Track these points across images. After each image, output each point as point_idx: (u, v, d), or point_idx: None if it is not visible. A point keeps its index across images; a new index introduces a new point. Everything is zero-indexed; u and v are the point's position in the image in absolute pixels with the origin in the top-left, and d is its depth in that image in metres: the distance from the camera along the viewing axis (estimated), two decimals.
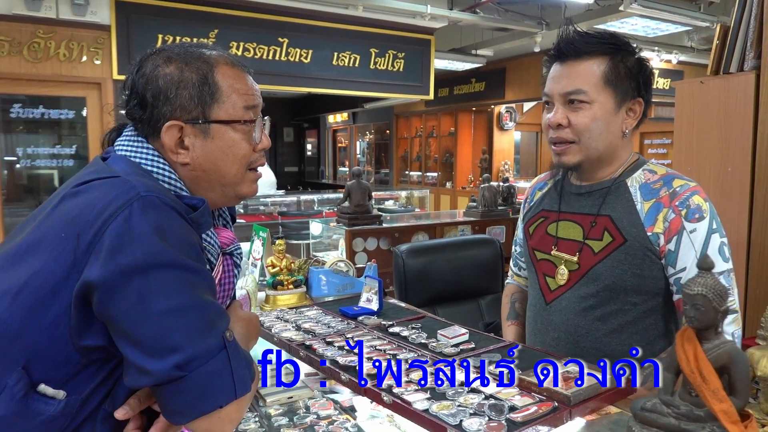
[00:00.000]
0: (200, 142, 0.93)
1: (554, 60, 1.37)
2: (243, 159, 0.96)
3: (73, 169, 5.09)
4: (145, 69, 0.93)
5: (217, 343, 0.80)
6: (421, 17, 6.10)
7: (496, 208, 4.40)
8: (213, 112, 0.93)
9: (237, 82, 0.96)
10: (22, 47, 4.64)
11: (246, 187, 0.98)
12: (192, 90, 0.92)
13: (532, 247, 1.49)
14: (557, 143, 1.34)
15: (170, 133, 0.91)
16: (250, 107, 0.96)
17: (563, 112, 1.31)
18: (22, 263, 0.81)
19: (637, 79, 1.32)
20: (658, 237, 1.28)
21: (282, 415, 1.38)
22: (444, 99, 10.04)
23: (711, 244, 1.26)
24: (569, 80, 1.31)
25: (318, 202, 6.69)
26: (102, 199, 0.80)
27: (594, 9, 5.89)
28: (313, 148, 14.78)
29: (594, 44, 1.31)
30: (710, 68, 2.50)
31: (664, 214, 1.28)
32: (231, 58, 0.99)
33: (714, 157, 2.40)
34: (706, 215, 1.26)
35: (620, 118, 1.33)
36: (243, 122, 0.94)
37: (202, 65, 0.94)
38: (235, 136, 0.94)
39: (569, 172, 1.44)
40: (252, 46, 5.68)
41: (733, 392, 0.76)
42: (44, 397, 0.79)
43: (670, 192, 1.30)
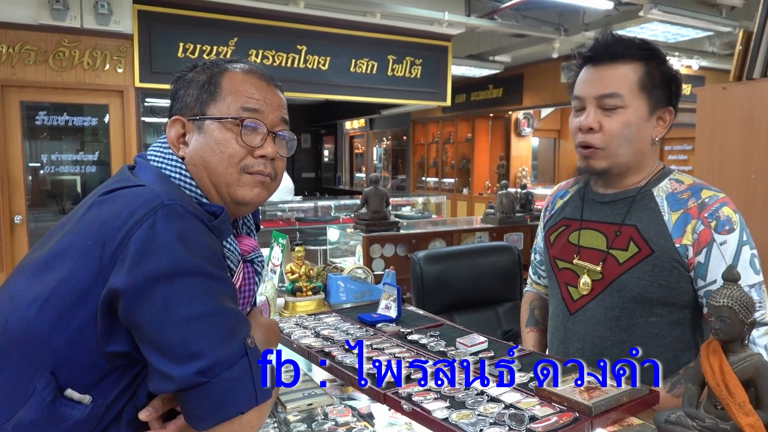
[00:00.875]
0: (195, 137, 0.96)
1: (586, 63, 1.35)
2: (231, 158, 0.95)
3: (95, 175, 5.18)
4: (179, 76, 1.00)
5: (239, 350, 0.81)
6: (439, 24, 6.10)
7: (514, 214, 4.37)
8: (209, 108, 0.96)
9: (241, 85, 0.97)
10: (48, 56, 4.75)
11: (242, 190, 0.96)
12: (196, 89, 0.97)
13: (554, 256, 1.47)
14: (586, 147, 1.32)
15: (173, 127, 0.97)
16: (249, 109, 0.96)
17: (596, 116, 1.29)
18: (51, 270, 0.83)
19: (670, 88, 1.31)
20: (686, 249, 1.26)
21: (300, 422, 1.38)
22: (461, 105, 10.03)
23: (742, 257, 1.23)
24: (604, 84, 1.29)
25: (335, 208, 6.70)
26: (127, 207, 0.82)
27: (613, 14, 5.84)
28: (330, 155, 14.84)
29: (631, 49, 1.29)
30: (733, 74, 2.47)
31: (692, 225, 1.26)
32: (251, 67, 1.01)
33: (737, 164, 2.37)
34: (736, 227, 1.24)
35: (651, 125, 1.31)
36: (231, 119, 0.94)
37: (214, 69, 0.99)
38: (224, 134, 0.95)
39: (592, 180, 1.43)
40: (271, 54, 5.74)
41: (760, 406, 0.75)
42: (71, 401, 0.81)
43: (698, 203, 1.27)
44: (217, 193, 0.97)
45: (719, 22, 5.45)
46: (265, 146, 0.97)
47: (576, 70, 1.37)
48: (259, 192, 0.98)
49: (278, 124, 1.00)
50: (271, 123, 0.99)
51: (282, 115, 1.01)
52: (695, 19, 5.31)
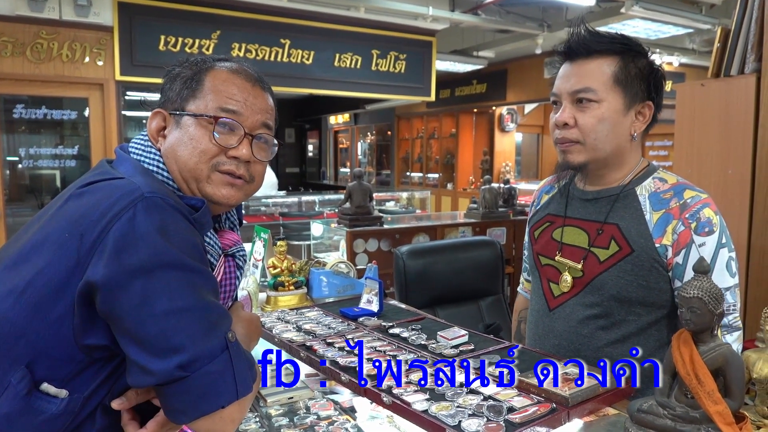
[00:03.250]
0: (173, 130, 0.96)
1: (564, 60, 1.35)
2: (203, 154, 0.94)
3: (74, 169, 5.11)
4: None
5: (220, 344, 0.81)
6: (423, 19, 6.11)
7: (497, 209, 4.40)
8: (188, 104, 0.96)
9: (223, 84, 0.97)
10: (25, 48, 4.66)
11: (210, 188, 0.95)
12: (180, 84, 0.98)
13: (537, 252, 1.47)
14: (563, 142, 1.32)
15: (154, 119, 0.98)
16: (227, 110, 0.96)
17: (570, 111, 1.29)
18: (27, 263, 0.82)
19: (648, 82, 1.30)
20: (666, 249, 1.26)
21: (282, 416, 1.39)
22: (445, 100, 10.05)
23: (719, 259, 1.23)
24: (578, 78, 1.29)
25: (319, 203, 6.69)
26: (106, 199, 0.81)
27: (595, 11, 5.89)
28: (315, 149, 14.79)
29: (605, 43, 1.29)
30: (711, 71, 2.51)
31: (673, 225, 1.25)
32: (238, 67, 1.00)
33: (714, 159, 2.41)
34: (716, 229, 1.24)
35: (629, 120, 1.30)
36: (207, 117, 0.94)
37: (201, 65, 0.99)
38: (199, 130, 0.95)
39: (576, 176, 1.42)
40: (254, 48, 5.70)
41: (729, 394, 0.77)
42: (47, 395, 0.80)
43: (680, 203, 1.27)
44: (188, 189, 0.96)
45: (699, 20, 5.53)
46: (240, 148, 0.96)
47: (558, 66, 1.37)
48: (229, 193, 0.97)
49: (258, 127, 0.99)
50: (250, 126, 0.97)
51: (264, 120, 1.00)
52: (676, 16, 5.38)
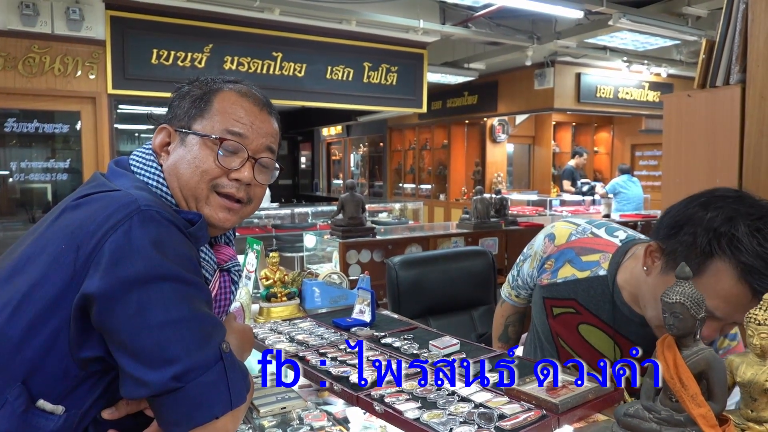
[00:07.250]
0: (178, 148, 0.97)
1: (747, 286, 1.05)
2: (204, 174, 0.95)
3: (66, 183, 5.10)
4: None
5: (214, 355, 0.82)
6: (414, 32, 6.18)
7: (489, 219, 4.43)
8: (195, 123, 0.97)
9: (231, 107, 0.98)
10: (17, 62, 4.67)
11: (209, 209, 0.96)
12: (189, 102, 0.99)
13: (557, 332, 1.45)
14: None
15: (159, 134, 0.99)
16: (233, 132, 0.97)
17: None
18: (22, 275, 0.82)
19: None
20: None
21: (276, 427, 1.39)
22: (437, 112, 10.13)
23: None
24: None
25: (312, 214, 6.69)
26: (103, 211, 0.82)
27: (584, 23, 5.98)
28: (307, 161, 14.82)
29: None
30: (697, 82, 2.55)
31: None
32: (247, 90, 1.02)
33: (702, 168, 2.44)
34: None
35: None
36: (212, 138, 0.95)
37: (211, 86, 1.00)
38: (203, 150, 0.96)
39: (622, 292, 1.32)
40: (246, 61, 5.73)
41: (712, 397, 0.79)
42: (43, 412, 0.80)
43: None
44: (186, 207, 0.97)
45: (685, 32, 5.62)
46: (242, 170, 0.97)
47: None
48: (225, 216, 0.98)
49: (262, 151, 1.00)
50: (254, 149, 0.99)
51: (268, 144, 1.01)
52: (662, 29, 5.47)
